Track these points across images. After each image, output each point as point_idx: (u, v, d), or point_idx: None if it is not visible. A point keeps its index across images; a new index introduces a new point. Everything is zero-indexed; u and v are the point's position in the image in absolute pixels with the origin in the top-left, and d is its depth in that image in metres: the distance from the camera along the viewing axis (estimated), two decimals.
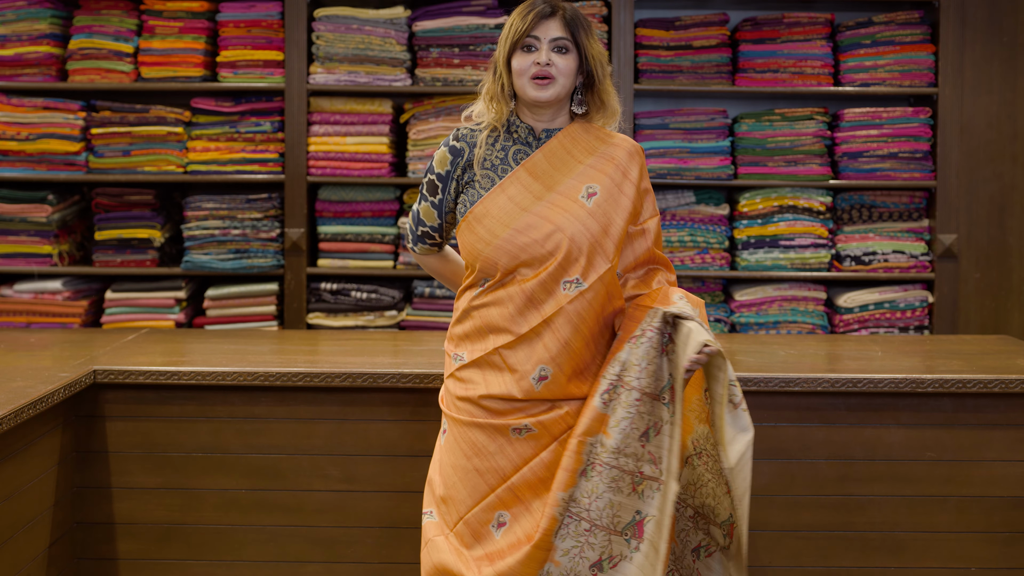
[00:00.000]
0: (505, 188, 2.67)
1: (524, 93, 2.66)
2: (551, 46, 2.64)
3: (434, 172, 2.75)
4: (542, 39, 2.64)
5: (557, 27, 2.64)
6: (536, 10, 2.65)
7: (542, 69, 2.62)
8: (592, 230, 2.62)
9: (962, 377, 3.19)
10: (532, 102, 2.67)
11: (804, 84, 4.79)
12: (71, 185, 4.93)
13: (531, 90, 2.64)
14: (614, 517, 2.57)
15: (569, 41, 2.65)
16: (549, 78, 2.64)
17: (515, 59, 2.65)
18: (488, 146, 2.72)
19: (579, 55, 2.67)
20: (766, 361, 3.41)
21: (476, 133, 2.74)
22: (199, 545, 3.29)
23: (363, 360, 3.37)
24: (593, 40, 2.69)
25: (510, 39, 2.65)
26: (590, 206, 2.64)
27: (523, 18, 2.64)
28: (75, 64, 4.76)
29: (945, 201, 4.78)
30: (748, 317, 4.77)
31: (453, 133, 2.76)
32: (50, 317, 4.71)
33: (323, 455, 3.27)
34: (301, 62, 4.75)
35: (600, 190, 2.66)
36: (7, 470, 2.87)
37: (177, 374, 3.24)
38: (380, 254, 4.81)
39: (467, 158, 2.72)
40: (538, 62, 2.62)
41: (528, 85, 2.64)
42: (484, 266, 2.66)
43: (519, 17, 2.66)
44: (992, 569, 3.26)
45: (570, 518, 2.58)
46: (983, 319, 4.81)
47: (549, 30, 2.64)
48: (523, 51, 2.65)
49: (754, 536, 3.25)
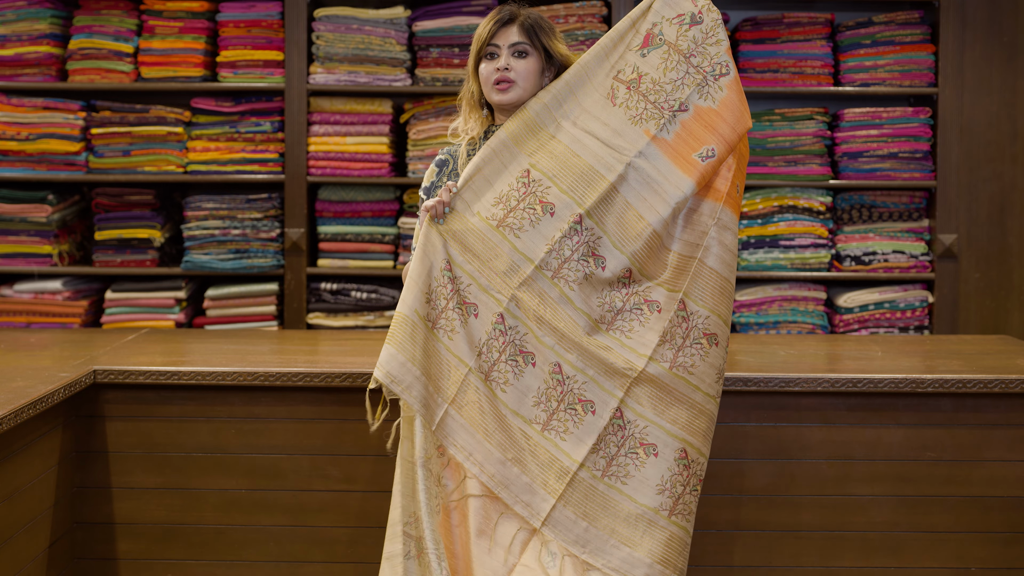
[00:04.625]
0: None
1: (490, 98, 2.81)
2: (510, 51, 2.77)
3: (423, 189, 2.88)
4: (502, 46, 2.77)
5: (515, 33, 2.77)
6: (496, 19, 2.79)
7: (501, 74, 2.76)
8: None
9: (962, 377, 3.19)
10: (497, 106, 2.82)
11: (804, 84, 4.79)
12: (71, 185, 4.93)
13: (494, 95, 2.79)
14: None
15: (528, 45, 2.77)
16: (509, 82, 2.77)
17: (481, 67, 2.80)
18: (469, 152, 2.86)
19: (542, 55, 2.79)
20: (766, 361, 3.41)
21: (459, 147, 2.90)
22: (199, 545, 3.29)
23: (363, 360, 3.37)
24: (556, 41, 2.81)
25: (475, 49, 2.80)
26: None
27: (485, 27, 2.78)
28: (75, 64, 4.76)
29: (945, 201, 4.78)
30: (748, 317, 4.77)
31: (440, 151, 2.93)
32: (50, 317, 4.71)
33: (323, 455, 3.27)
34: (301, 62, 4.75)
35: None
36: (7, 470, 2.87)
37: (177, 374, 3.24)
38: (380, 254, 4.81)
39: (452, 167, 2.86)
40: (498, 67, 2.76)
41: (492, 90, 2.79)
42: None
43: (482, 27, 2.79)
44: (992, 569, 3.26)
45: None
46: (983, 319, 4.81)
47: (508, 36, 2.77)
48: (487, 59, 2.79)
49: (754, 536, 3.25)
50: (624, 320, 2.70)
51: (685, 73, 2.74)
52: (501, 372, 2.66)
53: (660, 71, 2.74)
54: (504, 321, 2.66)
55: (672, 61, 2.74)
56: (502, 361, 2.66)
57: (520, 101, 2.78)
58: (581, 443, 2.63)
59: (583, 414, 2.64)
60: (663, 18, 2.76)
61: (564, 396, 2.65)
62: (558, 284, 2.67)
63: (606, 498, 2.63)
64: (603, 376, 2.65)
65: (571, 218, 2.68)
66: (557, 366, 2.65)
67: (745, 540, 3.25)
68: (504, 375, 2.65)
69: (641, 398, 2.65)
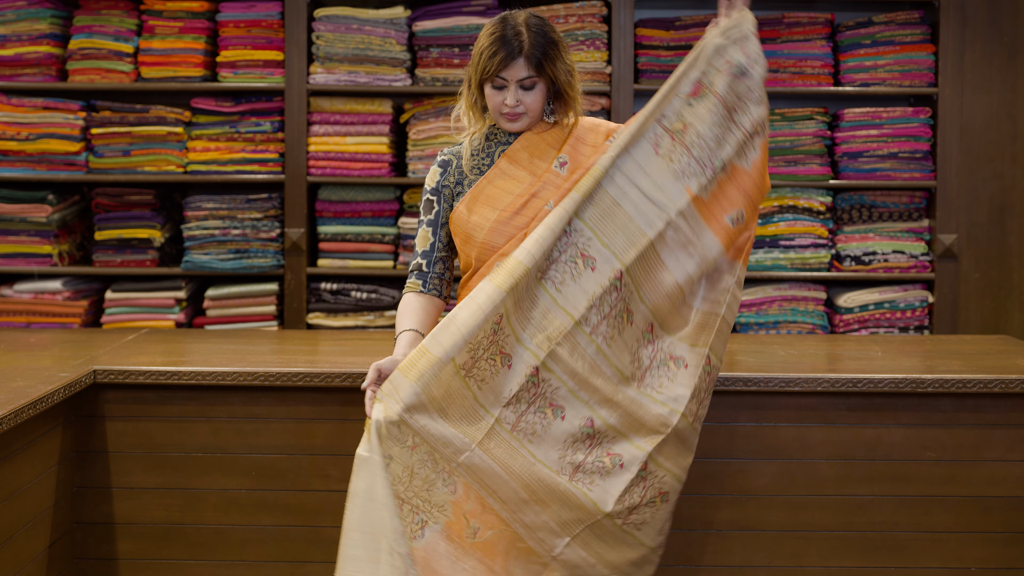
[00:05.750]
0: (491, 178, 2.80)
1: (497, 122, 2.79)
2: (518, 86, 2.72)
3: (427, 191, 2.86)
4: (509, 80, 2.71)
5: (523, 67, 2.70)
6: (501, 55, 2.68)
7: (512, 110, 2.74)
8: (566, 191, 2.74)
9: (962, 377, 3.19)
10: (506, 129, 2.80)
11: (804, 84, 4.79)
12: (71, 185, 4.94)
13: (503, 123, 2.77)
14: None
15: (536, 76, 2.72)
16: (518, 115, 2.75)
17: (486, 88, 2.74)
18: (474, 150, 2.85)
19: (548, 81, 2.75)
20: (766, 361, 3.41)
21: (461, 147, 2.87)
22: (199, 545, 3.29)
23: (363, 360, 3.37)
24: (560, 62, 2.74)
25: (479, 72, 2.72)
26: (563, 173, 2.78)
27: (490, 58, 2.69)
28: (75, 64, 4.76)
29: (945, 201, 4.78)
30: (748, 317, 4.77)
31: (439, 152, 2.90)
32: (50, 317, 4.71)
33: (323, 455, 3.27)
34: (301, 62, 4.75)
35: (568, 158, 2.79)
36: (7, 470, 2.87)
37: (177, 374, 3.24)
38: (380, 254, 4.81)
39: (456, 166, 2.85)
40: (507, 103, 2.72)
41: (500, 119, 2.77)
42: (479, 253, 2.77)
43: (487, 54, 2.69)
44: (992, 569, 3.26)
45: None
46: (983, 319, 4.81)
47: (515, 71, 2.70)
48: (493, 87, 2.73)
49: (754, 536, 3.25)
50: (653, 377, 2.70)
51: (728, 130, 2.70)
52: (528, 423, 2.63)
53: (706, 125, 2.69)
54: (538, 374, 2.61)
55: (718, 115, 2.68)
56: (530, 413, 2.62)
57: (528, 128, 2.79)
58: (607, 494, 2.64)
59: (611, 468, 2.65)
60: (712, 67, 2.68)
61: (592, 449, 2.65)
62: (595, 340, 2.64)
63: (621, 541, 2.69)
64: (633, 432, 2.66)
65: (612, 274, 2.65)
66: (590, 421, 2.64)
67: (745, 540, 3.25)
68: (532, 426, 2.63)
69: (665, 451, 2.68)
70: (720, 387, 3.17)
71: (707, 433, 3.23)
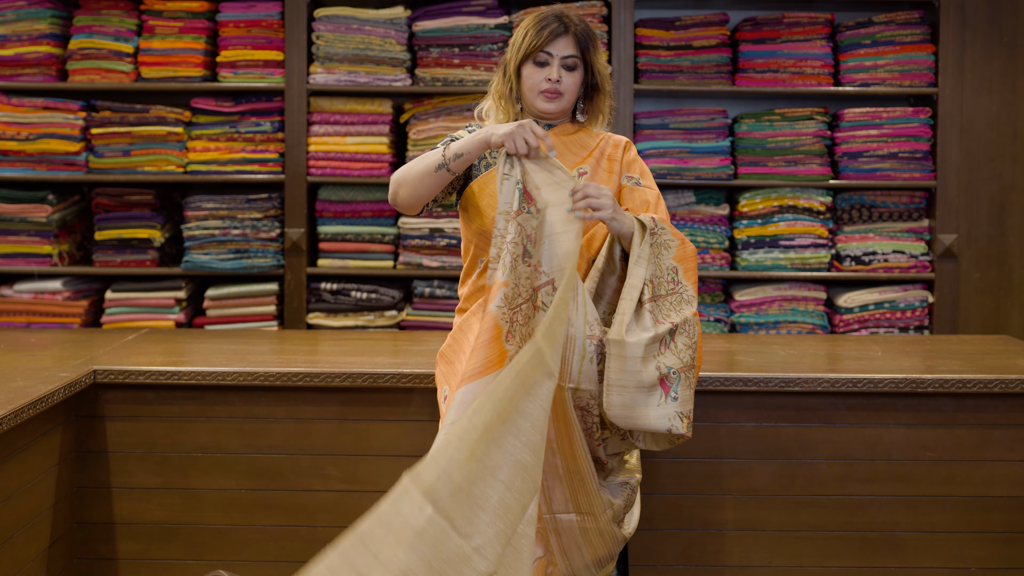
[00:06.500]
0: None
1: (532, 103, 2.77)
2: (561, 63, 2.74)
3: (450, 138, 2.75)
4: (554, 55, 2.73)
5: (569, 44, 2.74)
6: (551, 27, 2.73)
7: (552, 86, 2.73)
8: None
9: (962, 377, 3.19)
10: (539, 113, 2.79)
11: (804, 84, 4.79)
12: (71, 185, 4.93)
13: (540, 102, 2.76)
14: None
15: (578, 59, 2.75)
16: (558, 94, 2.75)
17: (525, 69, 2.75)
18: None
19: (585, 70, 2.78)
20: (766, 361, 3.41)
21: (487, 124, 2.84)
22: (199, 545, 3.29)
23: (363, 360, 3.37)
24: (599, 55, 2.80)
25: (523, 50, 2.74)
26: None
27: (538, 32, 2.72)
28: (75, 64, 4.76)
29: (945, 201, 4.78)
30: (748, 317, 4.77)
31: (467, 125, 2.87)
32: (50, 317, 4.71)
33: (323, 455, 3.27)
34: (301, 62, 4.75)
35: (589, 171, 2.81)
36: (7, 470, 2.87)
37: (177, 374, 3.24)
38: (380, 254, 4.81)
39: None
40: (549, 78, 2.73)
41: (538, 98, 2.75)
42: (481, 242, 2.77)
43: (534, 30, 2.73)
44: (992, 569, 3.26)
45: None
46: (983, 319, 4.81)
47: (561, 47, 2.73)
48: (534, 64, 2.74)
49: (754, 536, 3.25)
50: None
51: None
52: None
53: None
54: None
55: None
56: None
57: (562, 112, 2.79)
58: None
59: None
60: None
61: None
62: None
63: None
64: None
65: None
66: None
67: (745, 540, 3.25)
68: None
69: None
70: (720, 387, 3.17)
71: (707, 433, 3.23)
